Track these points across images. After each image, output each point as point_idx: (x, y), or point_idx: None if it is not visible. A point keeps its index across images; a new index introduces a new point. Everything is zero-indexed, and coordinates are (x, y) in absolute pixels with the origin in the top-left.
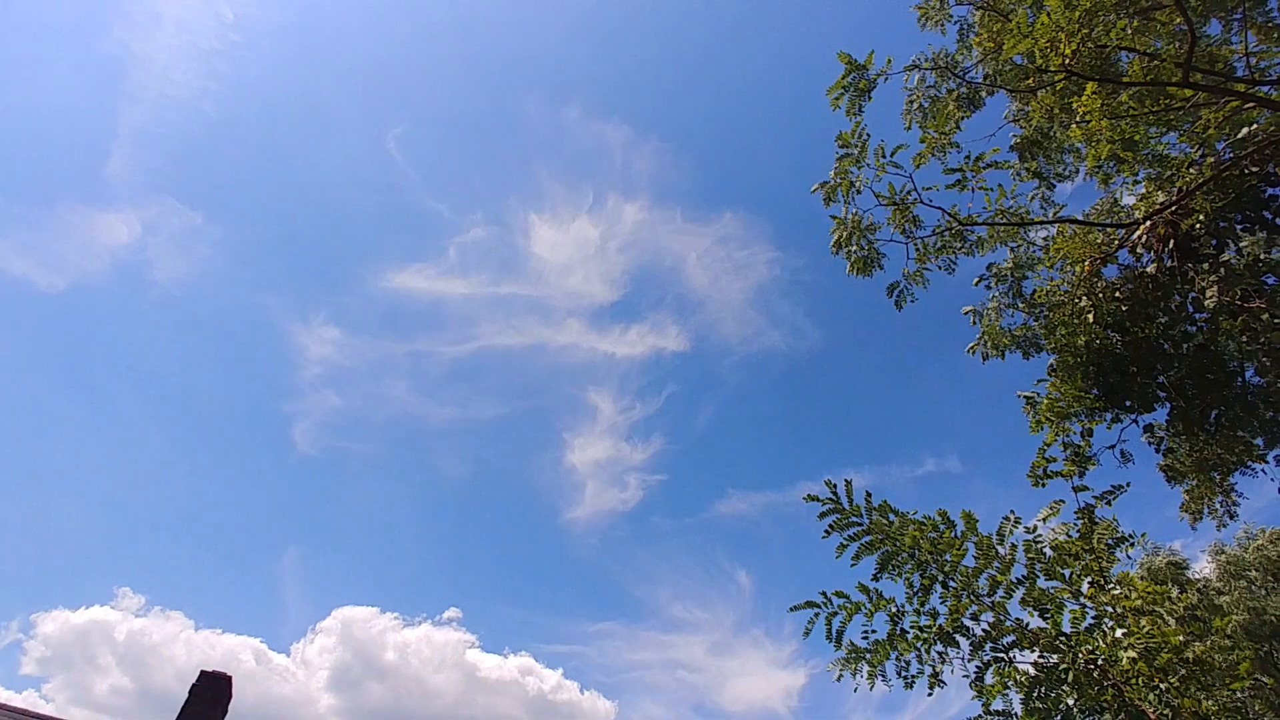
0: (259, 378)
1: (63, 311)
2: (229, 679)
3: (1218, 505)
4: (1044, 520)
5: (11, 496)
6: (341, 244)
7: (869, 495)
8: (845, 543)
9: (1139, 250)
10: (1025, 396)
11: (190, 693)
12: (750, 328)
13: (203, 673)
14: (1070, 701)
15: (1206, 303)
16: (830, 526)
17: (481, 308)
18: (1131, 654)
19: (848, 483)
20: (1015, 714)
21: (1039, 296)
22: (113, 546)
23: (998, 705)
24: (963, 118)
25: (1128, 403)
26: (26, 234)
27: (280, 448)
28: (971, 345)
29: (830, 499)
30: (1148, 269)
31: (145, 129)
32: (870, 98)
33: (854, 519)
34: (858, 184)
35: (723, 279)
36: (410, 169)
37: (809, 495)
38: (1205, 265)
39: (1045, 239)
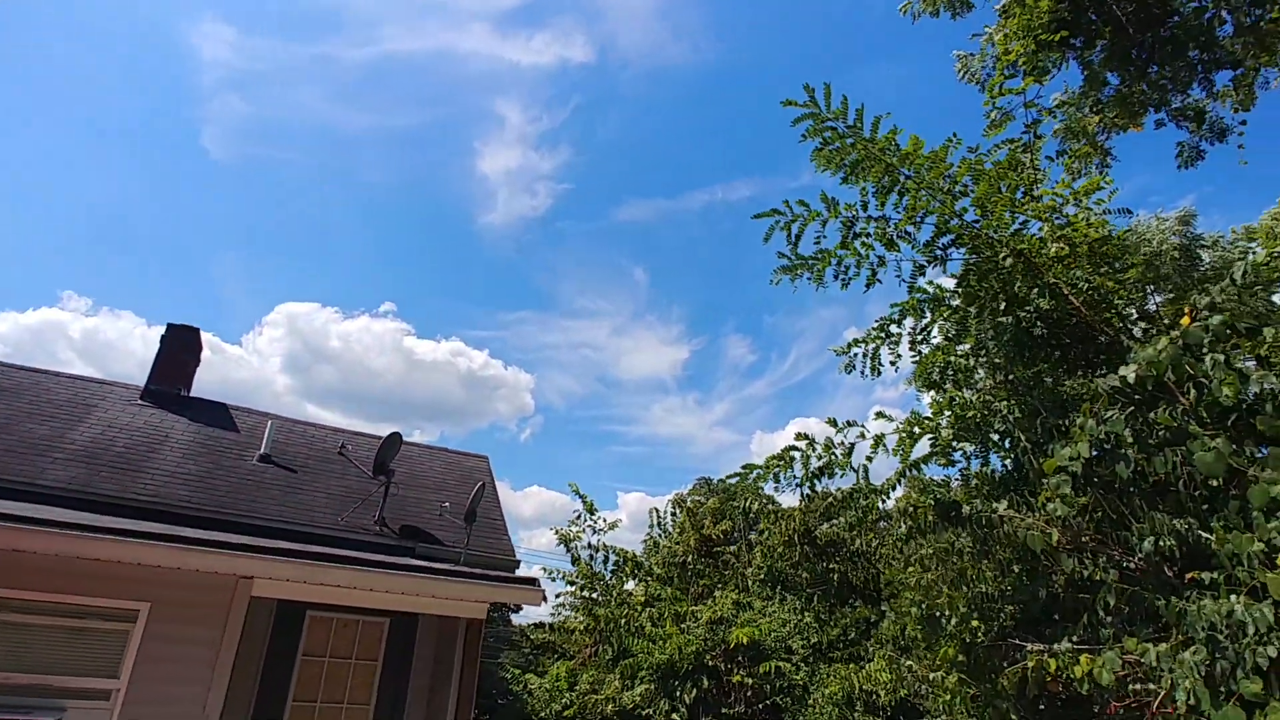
0: (153, 81)
1: None
2: (197, 330)
3: (1094, 168)
4: (987, 137)
5: None
6: None
7: (846, 99)
8: (820, 148)
9: None
10: (959, 56)
11: (161, 343)
12: (654, 39)
13: (170, 325)
14: (997, 285)
15: None
16: (807, 132)
17: (381, 5)
18: (1060, 245)
19: (827, 86)
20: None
21: None
22: (46, 253)
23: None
24: None
25: (1074, 40)
26: None
27: (192, 153)
28: (904, 5)
29: (808, 104)
30: None
31: None
32: None
33: (829, 123)
34: None
35: None
36: None
37: (787, 100)
38: None
39: None
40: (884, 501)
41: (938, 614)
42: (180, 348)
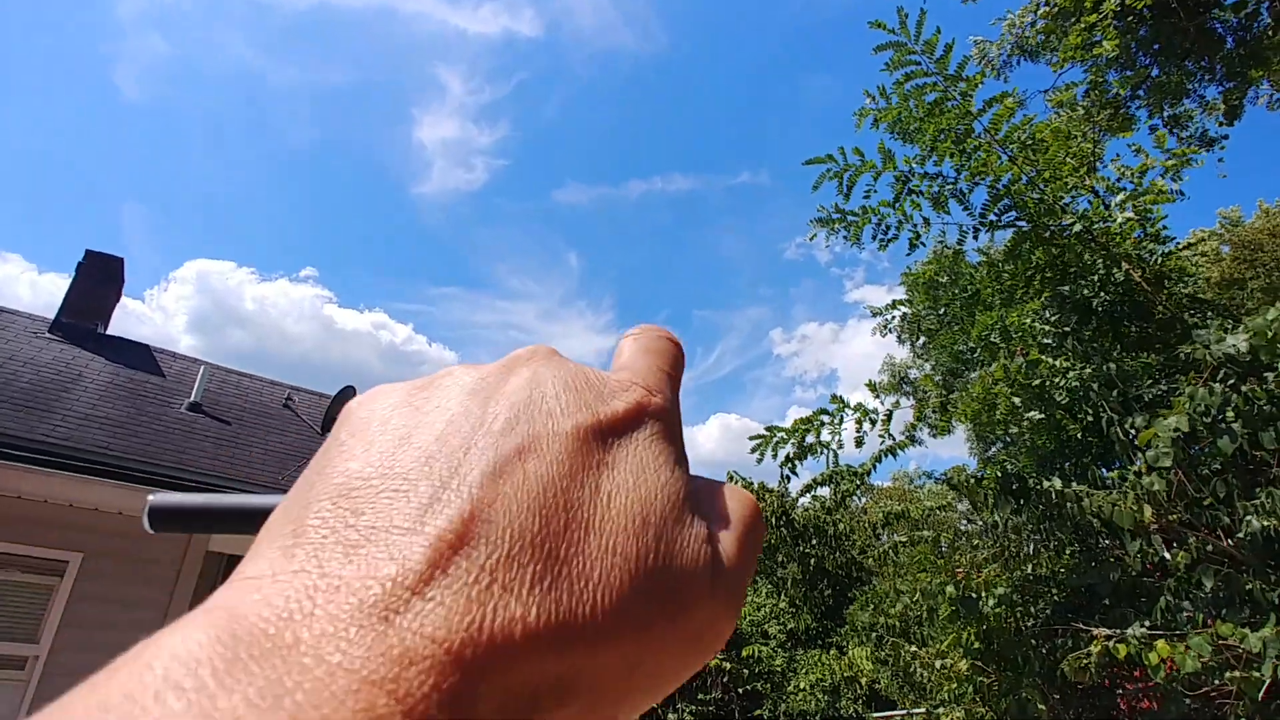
0: (65, 10)
1: None
2: (120, 260)
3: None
4: (1050, 104)
5: None
6: None
7: (939, 30)
8: (901, 81)
9: None
10: (977, 41)
11: (77, 271)
12: (604, 21)
13: (89, 252)
14: (1054, 253)
15: None
16: (889, 63)
17: None
18: (1128, 214)
19: (922, 12)
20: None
21: None
22: None
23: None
24: None
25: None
26: None
27: (103, 91)
28: None
29: (894, 30)
30: None
31: None
32: None
33: (911, 56)
34: None
35: None
36: None
37: (875, 21)
38: None
39: None
40: (859, 491)
41: (974, 595)
42: (100, 278)
